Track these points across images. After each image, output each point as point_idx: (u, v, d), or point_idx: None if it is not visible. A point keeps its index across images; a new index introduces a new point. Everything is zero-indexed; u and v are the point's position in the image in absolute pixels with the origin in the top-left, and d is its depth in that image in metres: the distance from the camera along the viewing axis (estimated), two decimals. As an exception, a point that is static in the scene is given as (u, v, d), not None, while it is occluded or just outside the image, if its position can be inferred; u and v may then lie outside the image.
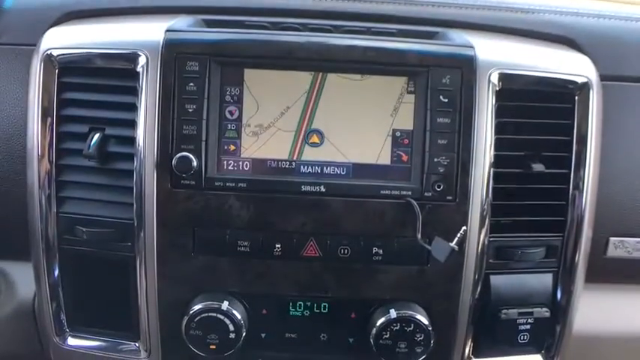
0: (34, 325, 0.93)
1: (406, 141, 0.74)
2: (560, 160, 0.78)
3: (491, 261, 0.78)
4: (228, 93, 0.74)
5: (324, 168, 0.75)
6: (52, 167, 0.78)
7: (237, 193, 0.74)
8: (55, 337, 0.84)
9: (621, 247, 0.90)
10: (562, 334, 0.83)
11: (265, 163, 0.75)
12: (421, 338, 0.75)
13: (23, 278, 0.92)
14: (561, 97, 0.78)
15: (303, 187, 0.74)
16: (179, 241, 0.75)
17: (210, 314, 0.74)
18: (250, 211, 0.74)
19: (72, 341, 0.85)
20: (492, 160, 0.75)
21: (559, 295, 0.81)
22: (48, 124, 0.77)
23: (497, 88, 0.75)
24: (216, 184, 0.74)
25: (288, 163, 0.75)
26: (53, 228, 0.79)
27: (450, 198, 0.74)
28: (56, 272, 0.82)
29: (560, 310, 0.82)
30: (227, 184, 0.74)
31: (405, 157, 0.75)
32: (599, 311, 0.94)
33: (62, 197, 0.79)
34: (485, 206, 0.75)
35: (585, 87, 0.78)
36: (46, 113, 0.77)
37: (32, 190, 0.79)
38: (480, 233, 0.76)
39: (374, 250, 0.75)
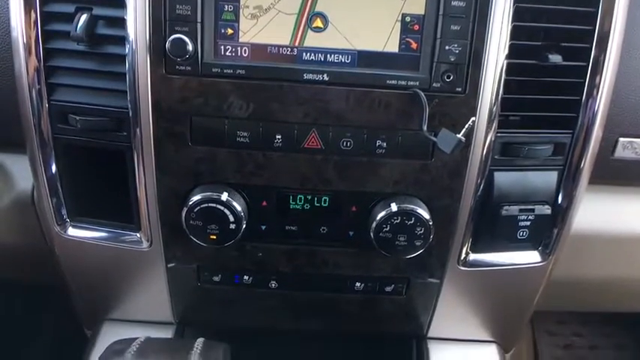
0: (34, 216, 0.94)
1: (416, 27, 0.69)
2: (579, 52, 0.73)
3: (496, 157, 0.76)
4: None
5: (328, 55, 0.70)
6: (39, 51, 0.73)
7: (236, 80, 0.70)
8: (55, 226, 0.85)
9: (630, 148, 0.88)
10: (560, 232, 0.84)
11: (265, 48, 0.70)
12: (421, 232, 0.75)
13: (21, 170, 0.92)
14: None
15: (305, 75, 0.70)
16: (176, 130, 0.73)
17: (209, 205, 0.74)
18: (249, 99, 0.71)
19: (72, 231, 0.85)
20: (507, 50, 0.71)
21: (562, 194, 0.80)
22: (31, 4, 0.71)
23: (519, -31, 0.69)
24: (214, 70, 0.70)
25: (289, 49, 0.70)
26: (46, 117, 0.76)
27: (459, 90, 0.70)
28: (53, 164, 0.80)
29: (562, 208, 0.81)
30: (225, 70, 0.70)
31: (414, 45, 0.70)
32: (599, 212, 0.94)
33: (52, 84, 0.75)
34: (496, 100, 0.72)
35: None
36: None
37: (20, 77, 0.75)
38: (487, 128, 0.73)
39: (377, 143, 0.73)
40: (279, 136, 0.73)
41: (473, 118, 0.70)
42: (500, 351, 0.98)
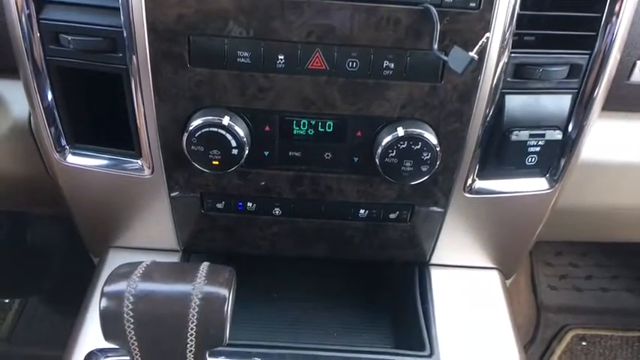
0: (33, 143, 0.92)
1: None
2: None
3: (508, 79, 0.73)
4: None
5: (333, -33, 0.66)
6: None
7: None
8: (55, 153, 0.83)
9: (647, 72, 0.84)
10: (569, 159, 0.82)
11: (265, -40, 0.65)
12: (428, 157, 0.74)
13: (15, 96, 0.89)
14: None
15: None
16: (173, 51, 0.69)
17: (211, 129, 0.72)
18: (249, 16, 0.67)
19: (72, 159, 0.84)
20: None
21: (574, 119, 0.78)
22: None
23: None
24: None
25: (291, -40, 0.65)
26: (37, 38, 0.73)
27: (473, 5, 0.66)
28: (48, 89, 0.77)
29: (573, 133, 0.79)
30: None
31: (426, -45, 0.65)
32: (609, 139, 0.92)
33: (40, 1, 0.71)
34: (511, 17, 0.68)
35: None
36: None
37: None
38: (500, 48, 0.70)
39: (384, 64, 0.69)
40: (282, 57, 0.69)
41: (487, 34, 0.66)
42: (501, 277, 0.99)
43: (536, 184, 0.84)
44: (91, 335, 0.85)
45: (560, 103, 0.76)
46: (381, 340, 0.95)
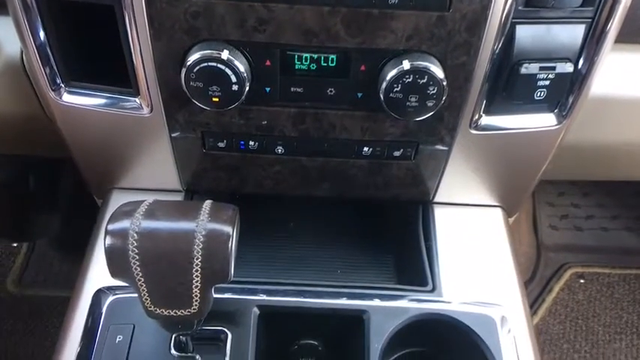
0: (28, 83, 0.90)
1: None
2: None
3: (520, 8, 0.70)
4: None
5: None
6: None
7: None
8: (50, 92, 0.81)
9: (665, -1, 0.80)
10: (579, 93, 0.80)
11: None
12: (434, 92, 0.72)
13: (6, 34, 0.85)
14: None
15: None
16: None
17: (209, 64, 0.69)
18: None
19: (68, 97, 0.82)
20: None
21: (586, 50, 0.75)
22: None
23: None
24: None
25: None
26: None
27: None
28: (38, 24, 0.74)
29: (585, 65, 0.76)
30: None
31: None
32: (620, 72, 0.89)
33: None
34: None
35: None
36: None
37: None
38: (513, -28, 0.66)
39: None
40: None
41: None
42: (504, 215, 0.99)
43: (544, 120, 0.83)
44: (98, 273, 0.86)
45: (572, 34, 0.73)
46: (384, 277, 0.97)
